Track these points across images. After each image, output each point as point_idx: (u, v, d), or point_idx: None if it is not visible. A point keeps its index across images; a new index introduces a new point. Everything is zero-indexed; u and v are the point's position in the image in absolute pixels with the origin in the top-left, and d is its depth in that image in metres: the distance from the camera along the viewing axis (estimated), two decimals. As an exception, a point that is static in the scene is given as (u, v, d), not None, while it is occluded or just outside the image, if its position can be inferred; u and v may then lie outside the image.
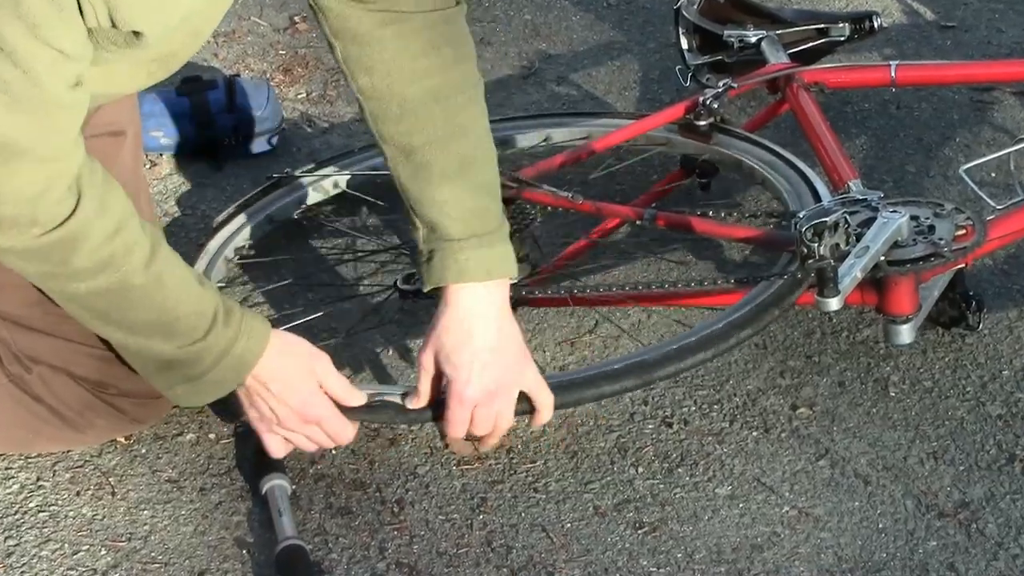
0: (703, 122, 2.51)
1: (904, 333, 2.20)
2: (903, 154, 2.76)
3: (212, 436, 2.23)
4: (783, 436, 2.19)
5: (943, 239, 2.18)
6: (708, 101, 2.51)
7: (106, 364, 2.10)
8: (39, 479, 2.18)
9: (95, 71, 1.78)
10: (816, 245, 2.04)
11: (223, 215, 2.53)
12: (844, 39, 2.81)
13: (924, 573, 1.98)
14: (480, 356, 1.98)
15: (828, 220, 2.06)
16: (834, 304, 2.06)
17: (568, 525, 2.07)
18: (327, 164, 2.66)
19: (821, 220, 2.06)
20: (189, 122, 2.80)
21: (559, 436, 2.21)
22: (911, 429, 2.19)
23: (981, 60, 3.00)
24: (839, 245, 2.08)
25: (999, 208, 2.31)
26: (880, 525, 2.04)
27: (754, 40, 2.76)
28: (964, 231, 2.20)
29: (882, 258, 2.14)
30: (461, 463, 2.17)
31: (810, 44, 2.81)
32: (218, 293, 1.95)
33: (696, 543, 2.04)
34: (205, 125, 2.80)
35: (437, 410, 2.03)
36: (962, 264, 2.25)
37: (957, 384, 2.25)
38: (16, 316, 2.12)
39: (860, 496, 2.09)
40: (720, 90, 2.54)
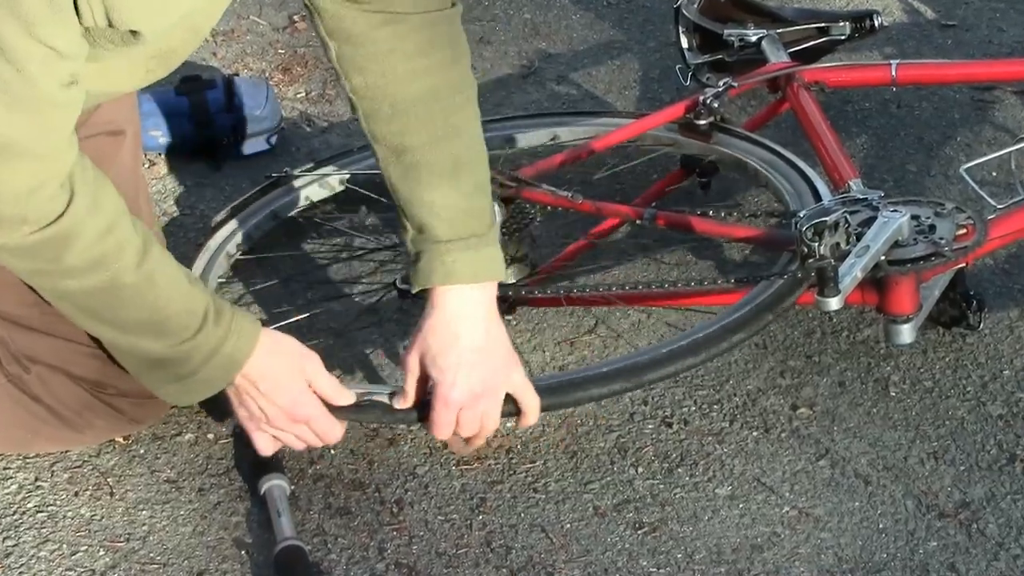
0: (703, 121, 2.51)
1: (905, 333, 2.20)
2: (904, 153, 2.75)
3: (211, 436, 2.23)
4: (783, 436, 2.18)
5: (944, 238, 2.18)
6: (708, 100, 2.51)
7: (104, 364, 2.10)
8: (37, 479, 2.17)
9: (92, 68, 1.78)
10: (816, 244, 2.04)
11: (221, 214, 2.53)
12: (845, 38, 2.81)
13: (925, 573, 1.97)
14: (466, 358, 1.98)
15: (828, 219, 2.06)
16: (834, 304, 2.06)
17: (568, 525, 2.07)
18: (326, 163, 2.65)
19: (821, 219, 2.06)
20: (188, 121, 2.80)
21: (559, 436, 2.20)
22: (911, 429, 2.18)
23: (982, 59, 3.00)
24: (839, 244, 2.08)
25: (1000, 207, 2.30)
26: (880, 525, 2.04)
27: (754, 39, 2.76)
28: (965, 230, 2.20)
29: (883, 258, 2.14)
30: (460, 463, 2.16)
31: (811, 43, 2.80)
32: (209, 292, 1.95)
33: (696, 543, 2.03)
34: (204, 124, 2.80)
35: (423, 411, 2.02)
36: (963, 263, 2.24)
37: (958, 384, 2.25)
38: (14, 316, 2.11)
39: (860, 496, 2.08)
40: (720, 89, 2.54)
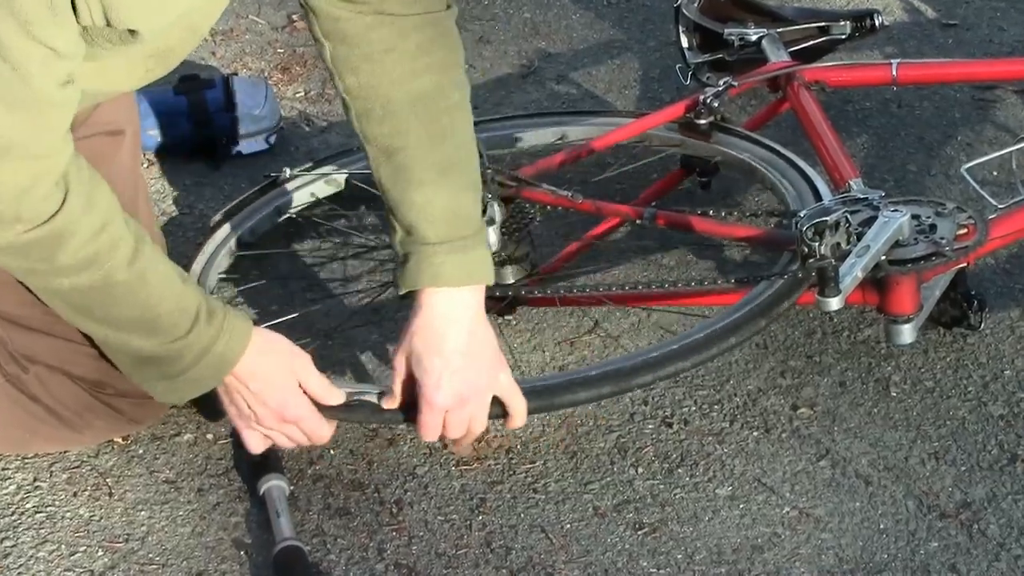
0: (704, 121, 2.50)
1: (905, 333, 2.20)
2: (904, 153, 2.75)
3: (210, 437, 2.22)
4: (784, 436, 2.18)
5: (944, 238, 2.18)
6: (709, 100, 2.51)
7: (104, 364, 2.09)
8: (36, 480, 2.17)
9: (91, 68, 1.78)
10: (817, 244, 2.04)
11: (220, 214, 2.52)
12: (845, 37, 2.80)
13: (925, 574, 1.97)
14: (451, 361, 1.97)
15: (829, 219, 2.05)
16: (835, 304, 2.06)
17: (568, 526, 2.06)
18: (325, 163, 2.65)
19: (822, 219, 2.05)
20: (187, 121, 2.80)
21: (559, 436, 2.20)
22: (912, 429, 2.18)
23: (983, 58, 3.00)
24: (840, 244, 2.07)
25: (1001, 207, 2.30)
26: (881, 526, 2.04)
27: (755, 38, 2.76)
28: (966, 230, 2.20)
29: (883, 257, 2.14)
30: (460, 463, 2.16)
31: (811, 42, 2.80)
32: (201, 291, 1.95)
33: (696, 544, 2.03)
34: (203, 124, 2.79)
35: (410, 412, 2.02)
36: (964, 263, 2.24)
37: (959, 384, 2.25)
38: (13, 315, 2.11)
39: (861, 497, 2.08)
40: (721, 88, 2.53)
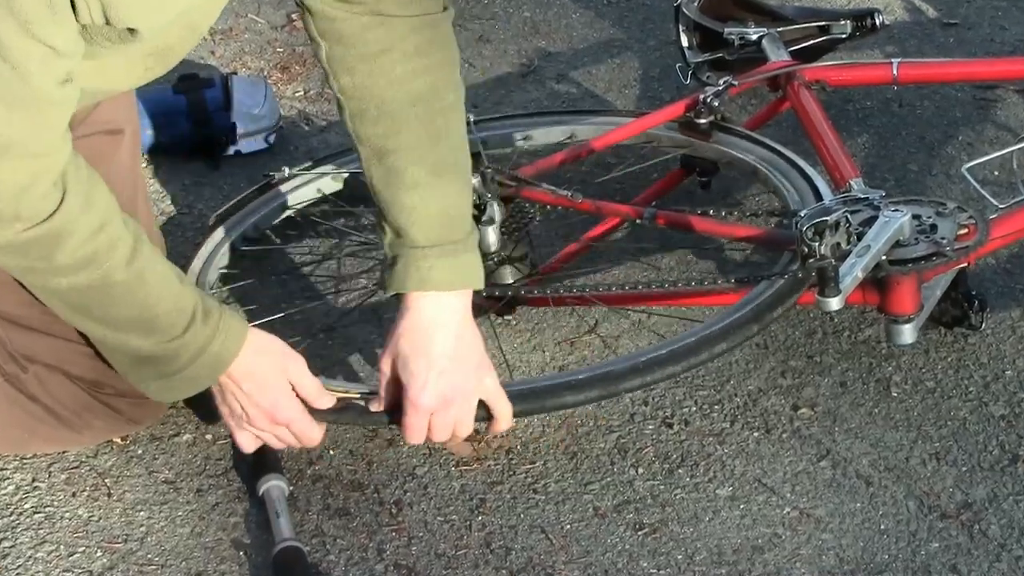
0: (704, 120, 2.50)
1: (906, 333, 2.19)
2: (905, 152, 2.75)
3: (209, 437, 2.22)
4: (784, 437, 2.18)
5: (945, 238, 2.17)
6: (709, 99, 2.50)
7: (102, 364, 2.09)
8: (35, 480, 2.17)
9: (90, 66, 1.78)
10: (817, 244, 2.03)
11: (219, 214, 2.52)
12: (846, 36, 2.80)
13: (926, 575, 1.96)
14: (437, 364, 1.98)
15: (829, 219, 2.05)
16: (835, 304, 2.05)
17: (568, 526, 2.06)
18: (324, 162, 2.64)
19: (822, 219, 2.05)
20: (186, 120, 2.79)
21: (559, 437, 2.19)
22: (913, 430, 2.17)
23: (984, 58, 2.99)
24: (840, 244, 2.07)
25: (1002, 207, 2.30)
26: (882, 526, 2.03)
27: (755, 37, 2.75)
28: (966, 230, 2.19)
29: (884, 257, 2.13)
30: (459, 464, 2.16)
31: (811, 42, 2.80)
32: (198, 291, 1.95)
33: (697, 544, 2.02)
34: (202, 123, 2.79)
35: (396, 414, 2.02)
36: (964, 263, 2.24)
37: (960, 384, 2.24)
38: (13, 315, 2.11)
39: (862, 497, 2.08)
40: (721, 88, 2.53)
